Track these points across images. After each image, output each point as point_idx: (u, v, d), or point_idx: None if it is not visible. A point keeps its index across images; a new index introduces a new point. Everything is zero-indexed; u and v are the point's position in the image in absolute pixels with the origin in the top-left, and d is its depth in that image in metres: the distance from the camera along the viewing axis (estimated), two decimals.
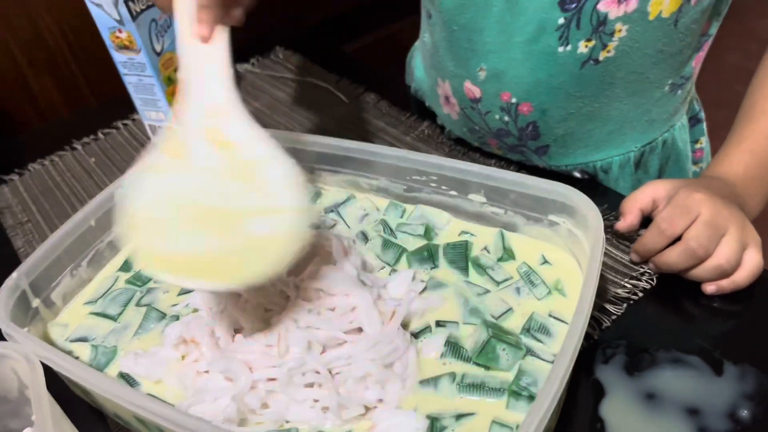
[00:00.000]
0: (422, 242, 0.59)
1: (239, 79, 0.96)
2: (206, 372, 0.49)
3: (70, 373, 0.45)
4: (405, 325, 0.52)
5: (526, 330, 0.51)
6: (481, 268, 0.56)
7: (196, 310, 0.55)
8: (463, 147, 0.76)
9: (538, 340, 0.50)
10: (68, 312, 0.58)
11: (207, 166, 0.46)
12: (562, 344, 0.41)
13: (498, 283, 0.55)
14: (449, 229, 0.60)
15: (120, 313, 0.57)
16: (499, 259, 0.56)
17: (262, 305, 0.52)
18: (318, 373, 0.47)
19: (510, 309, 0.52)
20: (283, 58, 1.00)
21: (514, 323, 0.52)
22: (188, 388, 0.49)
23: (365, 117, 0.84)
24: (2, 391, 0.49)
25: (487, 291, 0.54)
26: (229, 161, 0.46)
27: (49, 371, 0.48)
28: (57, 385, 0.52)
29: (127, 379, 0.51)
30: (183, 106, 0.47)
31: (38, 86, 1.08)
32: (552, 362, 0.45)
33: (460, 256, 0.57)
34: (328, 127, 0.84)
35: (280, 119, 0.86)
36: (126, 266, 0.62)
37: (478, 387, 0.47)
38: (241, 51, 1.01)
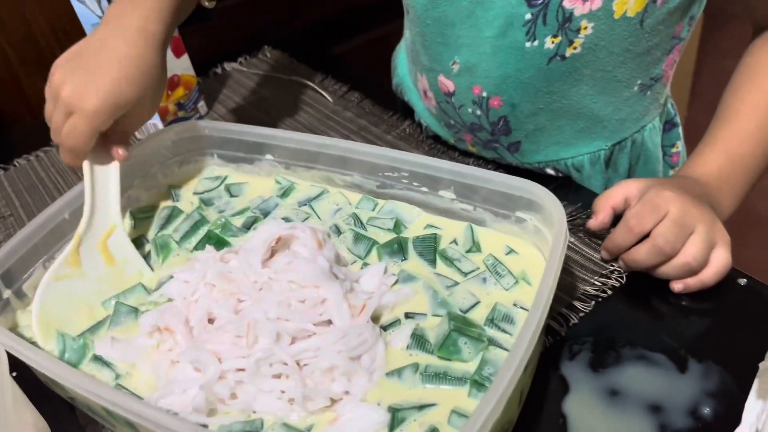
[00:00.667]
0: (392, 236, 0.59)
1: (225, 77, 0.97)
2: (179, 362, 0.50)
3: (34, 362, 0.45)
4: (375, 318, 0.52)
5: (490, 320, 0.51)
6: (449, 260, 0.56)
7: (171, 300, 0.55)
8: (441, 146, 0.77)
9: (503, 330, 0.50)
10: None
11: (96, 276, 0.58)
12: (518, 333, 0.41)
13: (465, 274, 0.55)
14: (418, 222, 0.60)
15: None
16: (468, 251, 0.57)
17: (235, 295, 0.52)
18: (285, 364, 0.47)
19: (478, 302, 0.53)
20: (270, 58, 1.00)
21: (480, 314, 0.52)
22: (161, 378, 0.49)
23: (348, 115, 0.85)
24: None
25: (456, 283, 0.54)
26: (113, 274, 0.59)
27: (20, 364, 0.48)
28: (28, 377, 0.53)
29: (102, 361, 0.51)
30: (86, 222, 0.58)
31: (30, 85, 1.09)
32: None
33: (429, 248, 0.57)
34: (311, 124, 0.84)
35: (264, 116, 0.87)
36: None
37: (441, 377, 0.47)
38: (229, 50, 1.02)
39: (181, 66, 0.84)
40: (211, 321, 0.52)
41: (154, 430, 0.40)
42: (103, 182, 0.60)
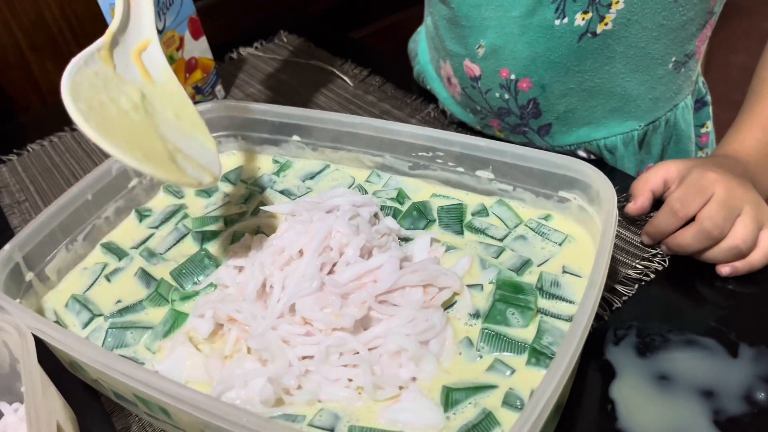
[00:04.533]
0: (397, 205, 0.58)
1: (241, 62, 0.95)
2: (232, 356, 0.47)
3: (62, 344, 0.43)
4: None
5: (540, 289, 0.49)
6: (477, 230, 0.55)
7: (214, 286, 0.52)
8: (468, 131, 0.75)
9: (553, 296, 0.49)
10: (64, 286, 0.56)
11: (133, 82, 0.49)
12: (579, 304, 0.39)
13: (501, 240, 0.54)
14: (421, 194, 0.60)
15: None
16: (506, 223, 0.56)
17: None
18: (357, 353, 0.44)
19: (528, 260, 0.52)
20: (286, 42, 0.98)
21: (534, 273, 0.51)
22: (214, 378, 0.46)
23: (370, 99, 0.83)
24: None
25: (502, 249, 0.53)
26: (151, 89, 0.51)
27: (44, 350, 0.46)
28: (51, 362, 0.51)
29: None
30: (120, 22, 0.51)
31: (40, 70, 1.07)
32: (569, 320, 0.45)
33: (455, 219, 0.56)
34: (333, 108, 0.82)
35: (283, 101, 0.85)
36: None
37: (501, 339, 0.46)
38: (244, 35, 1.00)
39: (199, 48, 0.82)
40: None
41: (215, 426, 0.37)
42: None
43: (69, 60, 0.46)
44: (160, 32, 0.77)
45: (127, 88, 0.48)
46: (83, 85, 0.45)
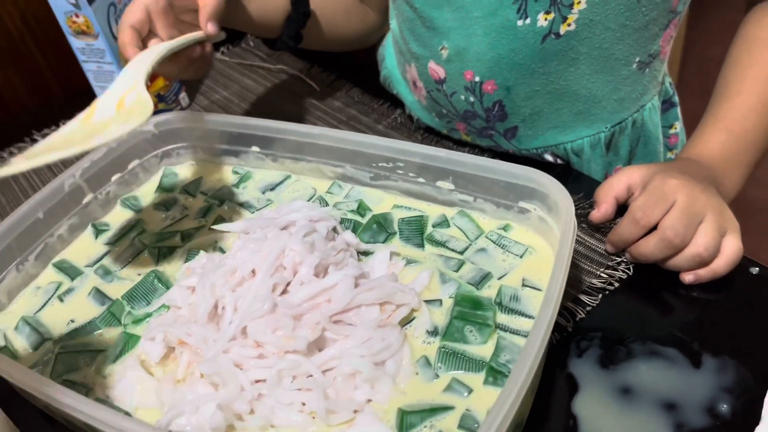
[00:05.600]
0: (357, 218, 0.57)
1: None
2: (184, 380, 0.45)
3: (4, 372, 0.42)
4: None
5: (498, 303, 0.48)
6: (437, 243, 0.54)
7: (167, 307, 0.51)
8: (435, 135, 0.74)
9: (512, 312, 0.48)
10: (15, 308, 0.54)
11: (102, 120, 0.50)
12: (529, 336, 0.38)
13: (461, 252, 0.53)
14: (383, 204, 0.58)
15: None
16: (467, 234, 0.55)
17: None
18: (310, 376, 0.43)
19: (488, 273, 0.51)
20: (253, 46, 0.97)
21: (495, 286, 0.50)
22: (165, 403, 0.44)
23: (336, 105, 0.81)
24: None
25: (462, 262, 0.52)
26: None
27: None
28: (6, 386, 0.49)
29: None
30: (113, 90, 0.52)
31: (2, 78, 1.04)
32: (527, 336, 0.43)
33: (416, 232, 0.55)
34: (298, 114, 0.81)
35: (249, 107, 0.83)
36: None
37: (458, 357, 0.45)
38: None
39: None
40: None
41: None
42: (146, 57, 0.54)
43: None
44: (115, 38, 0.75)
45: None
46: None
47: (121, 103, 0.52)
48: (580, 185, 0.65)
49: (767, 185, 1.86)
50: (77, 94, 0.90)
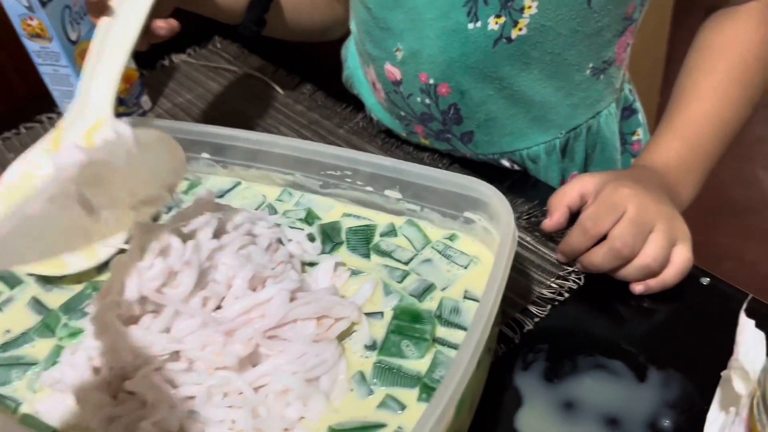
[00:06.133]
0: (306, 226, 0.56)
1: (172, 69, 0.92)
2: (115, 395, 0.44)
3: None
4: None
5: (438, 317, 0.48)
6: (383, 253, 0.53)
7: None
8: (395, 140, 0.73)
9: (453, 325, 0.47)
10: None
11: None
12: (457, 353, 0.37)
13: (405, 263, 0.52)
14: (333, 212, 0.57)
15: None
16: (414, 244, 0.54)
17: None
18: (241, 394, 0.42)
19: (431, 284, 0.50)
20: (220, 48, 0.95)
21: (437, 298, 0.49)
22: (95, 416, 0.42)
23: (298, 108, 0.80)
24: None
25: (406, 273, 0.51)
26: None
27: None
28: None
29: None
30: (77, 108, 0.54)
31: None
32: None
33: (362, 241, 0.54)
34: (261, 118, 0.80)
35: (211, 111, 0.82)
36: None
37: (394, 373, 0.44)
38: (178, 41, 0.97)
39: None
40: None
41: None
42: (110, 62, 0.54)
43: None
44: (74, 43, 0.74)
45: None
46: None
47: (89, 137, 0.52)
48: (537, 192, 0.64)
49: (750, 185, 1.86)
50: (39, 97, 0.89)
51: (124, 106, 0.81)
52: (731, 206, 1.81)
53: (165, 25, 0.56)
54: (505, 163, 0.67)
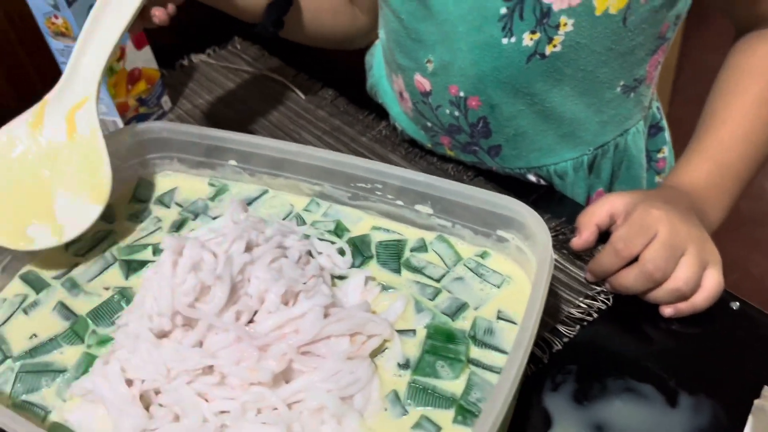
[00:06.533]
0: (334, 238, 0.56)
1: (192, 69, 0.91)
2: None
3: None
4: None
5: (472, 337, 0.47)
6: (414, 269, 0.53)
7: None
8: (418, 149, 0.72)
9: (486, 346, 0.47)
10: None
11: (52, 142, 0.56)
12: (498, 382, 0.37)
13: (437, 280, 0.52)
14: (360, 225, 0.57)
15: None
16: (445, 261, 0.53)
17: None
18: (275, 410, 0.42)
19: (464, 303, 0.49)
20: (240, 49, 0.95)
21: (470, 317, 0.49)
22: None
23: (320, 114, 0.80)
24: None
25: (438, 291, 0.51)
26: (69, 148, 0.56)
27: None
28: None
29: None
30: (63, 83, 0.56)
31: None
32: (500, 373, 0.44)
33: (393, 256, 0.54)
34: (282, 123, 0.79)
35: (232, 114, 0.82)
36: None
37: (429, 393, 0.44)
38: (198, 41, 0.96)
39: (142, 58, 0.78)
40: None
41: None
42: (101, 41, 0.55)
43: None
44: None
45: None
46: None
47: (71, 120, 0.54)
48: (564, 209, 0.64)
49: (756, 198, 1.86)
50: None
51: (146, 106, 0.81)
52: (737, 218, 1.81)
53: (158, 14, 0.56)
54: (531, 177, 0.67)
